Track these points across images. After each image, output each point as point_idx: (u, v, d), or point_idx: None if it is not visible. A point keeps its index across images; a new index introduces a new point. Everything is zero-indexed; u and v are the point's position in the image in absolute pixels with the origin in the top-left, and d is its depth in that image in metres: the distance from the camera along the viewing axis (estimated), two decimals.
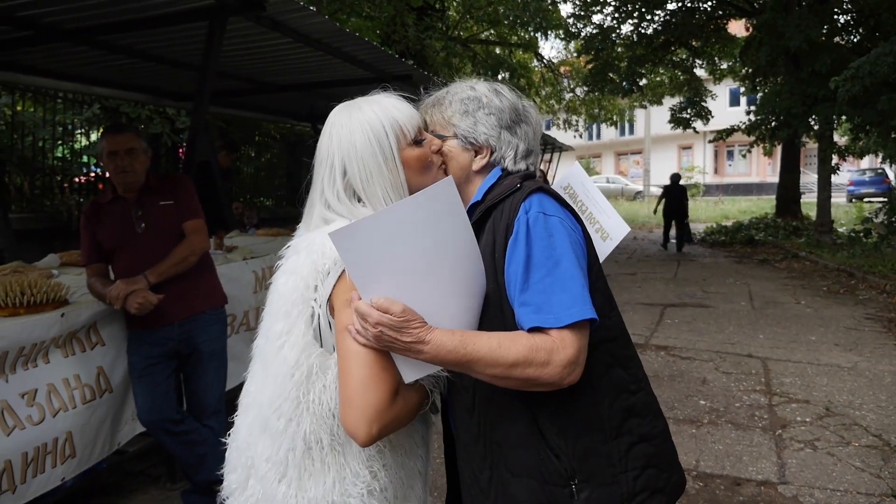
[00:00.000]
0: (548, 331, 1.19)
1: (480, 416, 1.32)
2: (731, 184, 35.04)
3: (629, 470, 1.32)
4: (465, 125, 1.42)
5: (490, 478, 1.31)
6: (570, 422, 1.29)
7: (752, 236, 14.96)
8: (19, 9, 3.32)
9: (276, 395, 1.32)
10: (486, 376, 1.20)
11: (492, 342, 1.18)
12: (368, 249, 1.09)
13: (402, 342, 1.15)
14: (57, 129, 7.60)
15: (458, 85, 1.48)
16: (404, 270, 1.13)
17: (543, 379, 1.19)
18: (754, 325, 6.95)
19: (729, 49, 18.35)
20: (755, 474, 3.56)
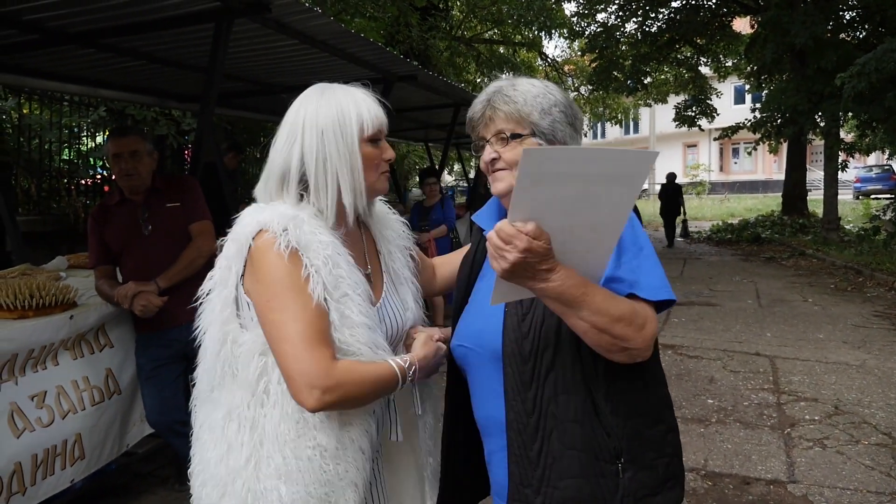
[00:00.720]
0: (641, 300, 1.26)
1: (538, 388, 1.33)
2: (737, 181, 34.96)
3: (664, 456, 1.38)
4: (545, 123, 1.42)
5: (541, 449, 1.33)
6: (622, 403, 1.33)
7: (759, 234, 14.92)
8: (25, 12, 3.33)
9: (207, 367, 1.42)
10: (585, 323, 1.21)
11: (605, 292, 1.22)
12: (545, 177, 1.08)
13: (536, 268, 1.16)
14: (63, 132, 7.63)
15: (519, 81, 1.47)
16: (560, 210, 1.12)
17: (633, 342, 1.23)
18: (762, 323, 6.93)
19: (734, 46, 18.31)
20: (764, 473, 3.55)
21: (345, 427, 1.36)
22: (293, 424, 1.32)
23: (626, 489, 1.32)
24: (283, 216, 1.32)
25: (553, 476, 1.32)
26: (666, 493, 1.37)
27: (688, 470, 3.57)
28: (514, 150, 1.41)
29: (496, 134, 1.44)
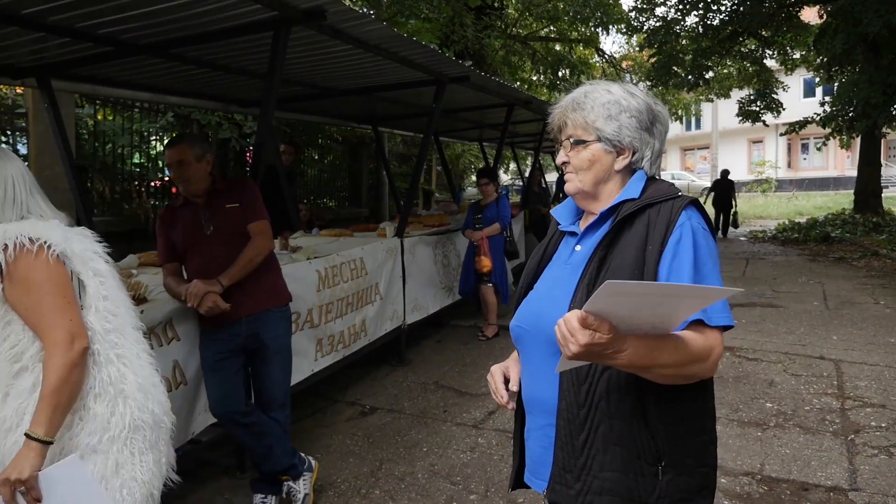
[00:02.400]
0: (706, 329, 1.33)
1: (592, 384, 1.40)
2: (806, 178, 33.56)
3: (703, 466, 1.44)
4: (610, 129, 1.49)
5: (586, 440, 1.40)
6: (670, 409, 1.39)
7: (828, 233, 14.31)
8: (100, 27, 3.55)
9: None
10: (657, 375, 1.30)
11: (670, 346, 1.27)
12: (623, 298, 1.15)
13: (602, 353, 1.21)
14: (134, 137, 8.03)
15: (594, 88, 1.54)
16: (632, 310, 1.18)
17: (700, 374, 1.33)
18: (827, 325, 6.68)
19: (802, 38, 17.58)
20: (824, 480, 3.45)
21: None
22: None
23: (664, 491, 1.38)
24: None
25: (595, 467, 1.39)
26: (699, 500, 1.43)
27: (743, 474, 3.52)
28: (580, 156, 1.53)
29: (567, 139, 1.55)
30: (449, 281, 6.92)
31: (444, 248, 6.93)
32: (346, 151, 12.45)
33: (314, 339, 4.42)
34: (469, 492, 3.46)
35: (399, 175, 13.63)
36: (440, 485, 3.55)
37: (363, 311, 5.11)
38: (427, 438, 4.16)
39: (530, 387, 1.55)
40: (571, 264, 1.53)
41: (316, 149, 11.87)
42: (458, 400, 4.84)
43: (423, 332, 6.65)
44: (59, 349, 1.67)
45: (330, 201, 12.27)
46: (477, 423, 4.39)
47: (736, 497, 3.29)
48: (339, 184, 12.60)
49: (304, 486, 3.34)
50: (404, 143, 14.54)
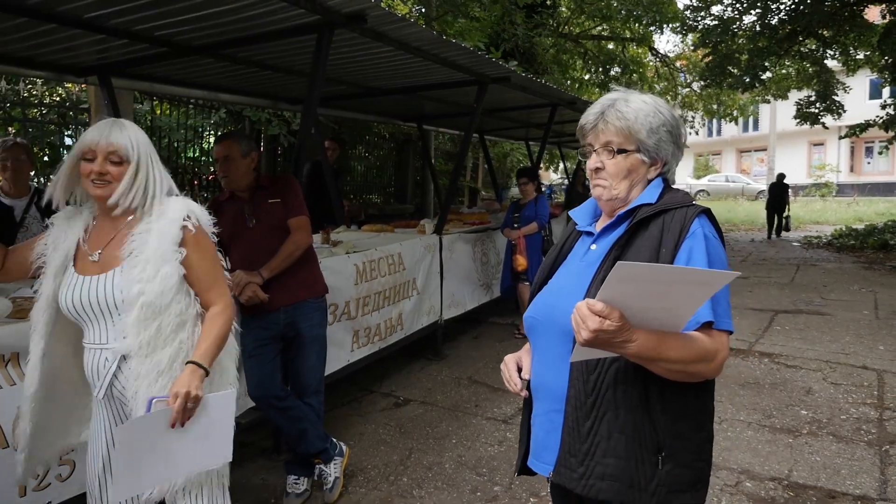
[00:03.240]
0: (714, 332, 1.41)
1: (601, 374, 1.49)
2: (869, 183, 32.24)
3: (700, 461, 1.52)
4: (651, 142, 1.57)
5: (591, 427, 1.48)
6: (674, 404, 1.47)
7: (887, 241, 13.77)
8: (156, 29, 3.78)
9: None
10: (663, 370, 1.39)
11: (677, 343, 1.36)
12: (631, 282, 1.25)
13: (612, 341, 1.31)
14: (189, 132, 8.37)
15: (632, 97, 1.59)
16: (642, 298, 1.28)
17: (706, 373, 1.42)
18: (875, 335, 6.49)
19: (866, 38, 16.92)
20: (853, 489, 3.41)
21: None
22: None
23: (662, 480, 1.46)
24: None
25: (598, 452, 1.47)
26: (694, 493, 1.51)
27: (769, 479, 3.51)
28: (618, 164, 1.57)
29: (604, 145, 1.59)
30: (487, 278, 7.01)
31: (484, 246, 7.01)
32: (394, 148, 12.64)
33: (351, 331, 4.58)
34: (494, 483, 3.55)
35: (445, 173, 13.74)
36: (466, 475, 3.65)
37: (400, 305, 5.25)
38: (457, 431, 4.27)
39: (540, 374, 1.63)
40: (587, 261, 1.61)
41: (363, 145, 12.09)
42: (490, 395, 4.93)
43: (460, 328, 6.76)
44: (228, 307, 2.06)
45: (376, 197, 12.49)
46: (507, 418, 4.47)
47: (759, 501, 3.29)
48: (386, 180, 12.80)
49: (335, 469, 3.49)
50: (451, 140, 14.66)
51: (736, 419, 4.35)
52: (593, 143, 1.60)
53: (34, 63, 4.45)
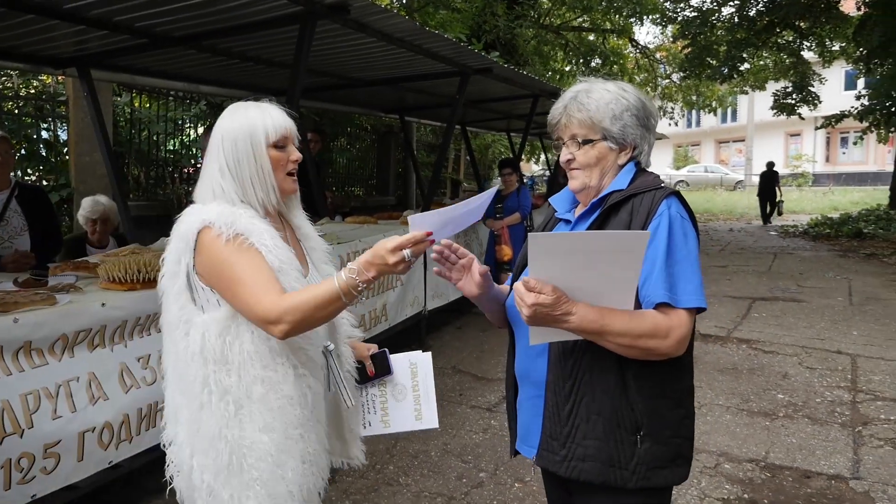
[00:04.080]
0: (671, 309, 1.43)
1: (577, 359, 1.53)
2: (844, 173, 32.77)
3: (678, 437, 1.56)
4: (616, 128, 1.59)
5: (570, 411, 1.52)
6: (649, 384, 1.51)
7: (861, 229, 14.05)
8: (137, 20, 3.76)
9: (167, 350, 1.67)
10: (614, 345, 1.42)
11: (624, 317, 1.40)
12: (554, 254, 1.32)
13: (552, 315, 1.36)
14: (169, 124, 8.29)
15: (594, 87, 1.62)
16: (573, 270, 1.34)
17: (661, 350, 1.43)
18: (849, 321, 6.65)
19: (842, 29, 17.16)
20: (827, 468, 3.51)
21: (301, 377, 1.63)
22: (259, 384, 1.58)
23: (641, 458, 1.50)
24: (221, 213, 1.58)
25: (578, 435, 1.51)
26: (674, 468, 1.55)
27: (747, 461, 3.60)
28: (587, 154, 1.61)
29: (571, 137, 1.62)
30: None
31: (467, 237, 7.05)
32: (375, 140, 12.61)
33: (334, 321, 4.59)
34: (479, 470, 3.61)
35: (427, 164, 13.75)
36: (452, 462, 3.70)
37: (384, 296, 5.27)
38: (442, 419, 4.27)
39: (523, 361, 1.67)
40: None
41: (345, 137, 12.05)
42: (474, 384, 4.99)
43: (443, 319, 6.80)
44: None
45: (358, 189, 12.46)
46: (491, 406, 4.53)
47: (738, 482, 3.38)
48: (368, 172, 12.77)
49: None
50: (433, 132, 14.66)
51: (715, 403, 4.45)
52: (562, 136, 1.64)
53: (12, 55, 4.39)
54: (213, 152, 1.68)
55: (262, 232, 1.60)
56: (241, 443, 1.56)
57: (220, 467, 1.56)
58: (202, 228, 1.57)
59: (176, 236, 1.63)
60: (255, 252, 1.56)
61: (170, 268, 1.63)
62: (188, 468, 1.60)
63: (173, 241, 1.64)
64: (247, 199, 1.65)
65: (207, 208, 1.61)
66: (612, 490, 1.51)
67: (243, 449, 1.56)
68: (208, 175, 1.68)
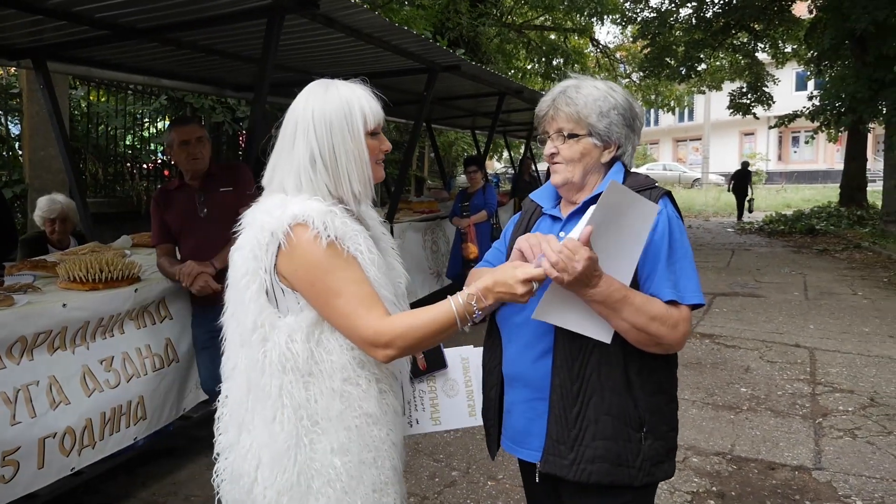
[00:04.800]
0: (678, 305, 1.46)
1: (584, 360, 1.52)
2: (796, 171, 33.79)
3: (672, 430, 1.59)
4: (601, 125, 1.58)
5: (579, 412, 1.51)
6: (650, 380, 1.53)
7: (813, 225, 14.52)
8: (97, 11, 3.62)
9: (232, 354, 1.50)
10: (627, 322, 1.42)
11: (642, 296, 1.44)
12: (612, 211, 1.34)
13: (590, 276, 1.36)
14: (127, 119, 8.07)
15: (583, 84, 1.62)
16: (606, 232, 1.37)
17: (668, 339, 1.45)
18: (805, 315, 6.85)
19: (793, 32, 17.70)
20: (790, 460, 3.61)
21: (382, 394, 1.49)
22: (338, 399, 1.42)
23: (646, 454, 1.51)
24: (318, 211, 1.39)
25: (587, 437, 1.50)
26: (669, 462, 1.58)
27: (713, 454, 3.67)
28: (571, 148, 1.60)
29: (557, 131, 1.62)
30: (438, 266, 7.04)
31: (434, 235, 7.04)
32: None
33: None
34: (451, 468, 3.60)
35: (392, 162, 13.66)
36: (423, 462, 3.69)
37: None
38: None
39: (514, 363, 1.64)
40: None
41: None
42: None
43: None
44: None
45: None
46: None
47: (706, 475, 3.45)
48: None
49: None
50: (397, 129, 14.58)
51: (681, 398, 4.48)
52: (548, 130, 1.63)
53: None
54: (301, 136, 1.45)
55: (356, 235, 1.43)
56: (311, 465, 1.41)
57: (286, 486, 1.40)
58: (295, 225, 1.38)
59: (255, 228, 1.43)
60: (353, 261, 1.41)
61: (244, 264, 1.43)
62: (250, 480, 1.44)
63: (250, 235, 1.43)
64: (339, 192, 1.46)
65: (300, 202, 1.41)
66: (617, 489, 1.51)
67: (312, 471, 1.41)
68: (293, 162, 1.45)
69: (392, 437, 1.50)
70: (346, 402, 1.43)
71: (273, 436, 1.41)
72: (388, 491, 1.48)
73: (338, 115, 1.44)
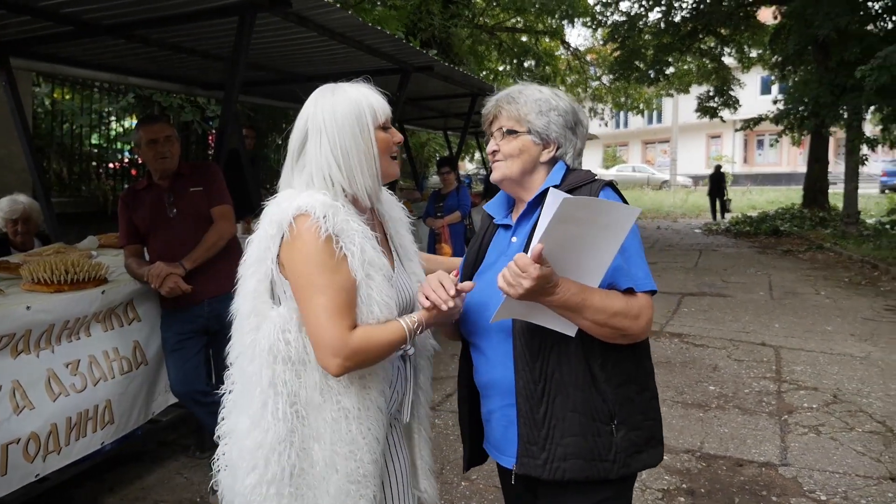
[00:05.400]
0: (637, 294, 1.47)
1: (545, 360, 1.53)
2: (761, 173, 34.54)
3: (649, 419, 1.59)
4: (540, 123, 1.64)
5: (546, 412, 1.52)
6: (616, 372, 1.54)
7: (777, 227, 14.85)
8: (63, 6, 3.54)
9: (236, 341, 1.56)
10: (589, 322, 1.44)
11: (601, 293, 1.44)
12: (568, 222, 1.32)
13: (545, 288, 1.36)
14: (93, 117, 7.89)
15: (527, 87, 1.69)
16: (566, 241, 1.36)
17: (633, 331, 1.46)
18: (771, 314, 7.00)
19: (759, 37, 18.10)
20: (757, 456, 3.68)
21: (365, 390, 1.52)
22: (318, 392, 1.49)
23: (619, 446, 1.52)
24: (322, 203, 1.45)
25: (556, 435, 1.51)
26: (650, 450, 1.58)
27: (683, 451, 3.73)
28: (510, 145, 1.65)
29: (499, 129, 1.67)
30: None
31: None
32: None
33: None
34: None
35: None
36: None
37: None
38: None
39: (486, 372, 1.65)
40: (509, 255, 1.61)
41: (280, 133, 11.79)
42: None
43: None
44: None
45: None
46: (434, 404, 4.52)
47: (676, 472, 3.50)
48: None
49: None
50: None
51: None
52: (492, 129, 1.70)
53: None
54: (313, 140, 1.52)
55: (353, 233, 1.47)
56: (293, 449, 1.47)
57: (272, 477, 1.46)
58: (298, 215, 1.44)
59: (267, 220, 1.50)
60: (343, 263, 1.45)
61: (255, 253, 1.51)
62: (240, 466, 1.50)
63: (264, 225, 1.50)
64: (353, 189, 1.52)
65: (307, 195, 1.47)
66: (594, 484, 1.52)
67: (294, 457, 1.47)
68: (307, 167, 1.53)
69: (374, 432, 1.53)
70: (325, 396, 1.48)
71: (260, 422, 1.46)
72: (367, 483, 1.52)
73: (348, 116, 1.51)
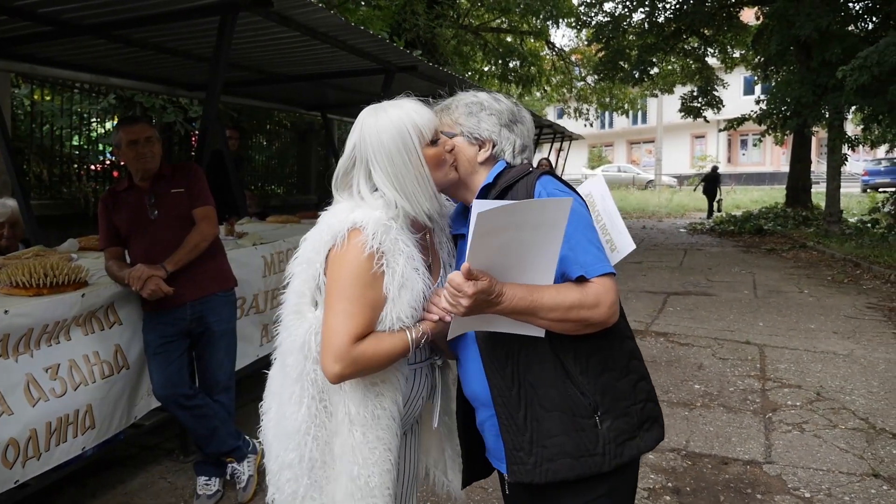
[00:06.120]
0: (590, 280, 1.44)
1: (514, 363, 1.52)
2: (745, 173, 34.83)
3: (637, 402, 1.57)
4: (470, 124, 1.68)
5: (525, 415, 1.51)
6: (591, 363, 1.52)
7: (761, 226, 14.98)
8: (41, 5, 3.49)
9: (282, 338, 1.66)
10: (547, 321, 1.42)
11: (551, 290, 1.41)
12: (493, 233, 1.30)
13: (488, 300, 1.35)
14: (73, 119, 7.80)
15: (463, 94, 1.74)
16: (503, 249, 1.35)
17: (595, 319, 1.44)
18: (755, 313, 7.05)
19: (741, 37, 18.26)
20: (742, 454, 3.70)
21: (379, 397, 1.57)
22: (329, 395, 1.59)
23: (606, 437, 1.50)
24: (376, 221, 1.51)
25: (540, 437, 1.50)
26: (644, 434, 1.57)
27: (669, 450, 3.74)
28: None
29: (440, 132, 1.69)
30: None
31: None
32: (295, 138, 12.33)
33: (259, 325, 4.45)
34: None
35: None
36: None
37: None
38: None
39: (469, 385, 1.66)
40: None
41: (264, 134, 11.72)
42: None
43: None
44: None
45: (278, 188, 12.14)
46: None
47: (661, 471, 3.51)
48: (288, 170, 12.47)
49: (249, 467, 3.39)
50: None
51: None
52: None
53: None
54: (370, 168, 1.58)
55: (399, 254, 1.52)
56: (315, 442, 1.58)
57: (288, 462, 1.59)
58: (352, 229, 1.51)
59: (325, 225, 1.58)
60: (379, 281, 1.50)
61: (306, 254, 1.60)
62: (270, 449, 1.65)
63: (321, 229, 1.58)
64: (415, 212, 1.58)
65: (364, 210, 1.54)
66: (588, 481, 1.50)
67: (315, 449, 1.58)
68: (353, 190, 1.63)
69: (386, 441, 1.58)
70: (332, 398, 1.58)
71: (283, 413, 1.59)
72: (373, 493, 1.57)
73: (395, 142, 1.55)
